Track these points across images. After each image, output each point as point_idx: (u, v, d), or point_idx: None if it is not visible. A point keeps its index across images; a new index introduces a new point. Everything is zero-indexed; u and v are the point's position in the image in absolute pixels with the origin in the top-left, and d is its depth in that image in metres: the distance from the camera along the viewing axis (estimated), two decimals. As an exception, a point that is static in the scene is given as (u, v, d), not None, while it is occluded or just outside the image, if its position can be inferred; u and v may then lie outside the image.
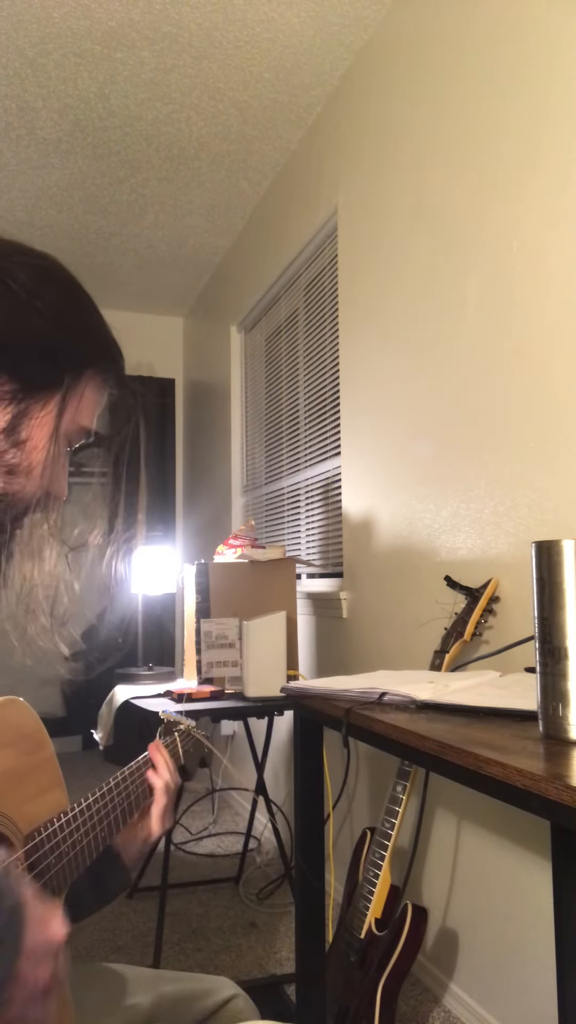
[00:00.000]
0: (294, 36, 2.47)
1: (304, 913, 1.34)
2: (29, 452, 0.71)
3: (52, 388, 0.72)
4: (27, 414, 0.70)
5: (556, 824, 1.34)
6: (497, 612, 1.74)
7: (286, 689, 1.36)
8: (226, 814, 3.50)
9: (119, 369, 0.79)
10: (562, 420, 1.57)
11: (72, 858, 0.77)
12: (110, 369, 0.78)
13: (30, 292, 0.69)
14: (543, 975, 1.62)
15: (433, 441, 2.04)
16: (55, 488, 0.75)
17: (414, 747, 0.95)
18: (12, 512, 0.72)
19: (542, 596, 0.87)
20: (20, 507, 0.73)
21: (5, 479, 0.70)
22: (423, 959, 2.04)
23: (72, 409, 0.74)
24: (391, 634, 2.24)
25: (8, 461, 0.70)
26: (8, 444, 0.70)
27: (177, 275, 4.40)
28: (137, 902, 2.58)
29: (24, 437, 0.70)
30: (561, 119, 1.59)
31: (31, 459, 0.71)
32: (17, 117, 2.90)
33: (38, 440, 0.71)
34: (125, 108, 2.86)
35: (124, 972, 0.99)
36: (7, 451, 0.70)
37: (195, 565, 2.31)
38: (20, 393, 0.69)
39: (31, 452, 0.71)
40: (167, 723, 1.13)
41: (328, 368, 2.82)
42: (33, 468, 0.71)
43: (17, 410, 0.69)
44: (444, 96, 2.02)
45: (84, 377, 0.75)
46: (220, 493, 4.16)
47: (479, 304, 1.85)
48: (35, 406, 0.71)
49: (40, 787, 0.80)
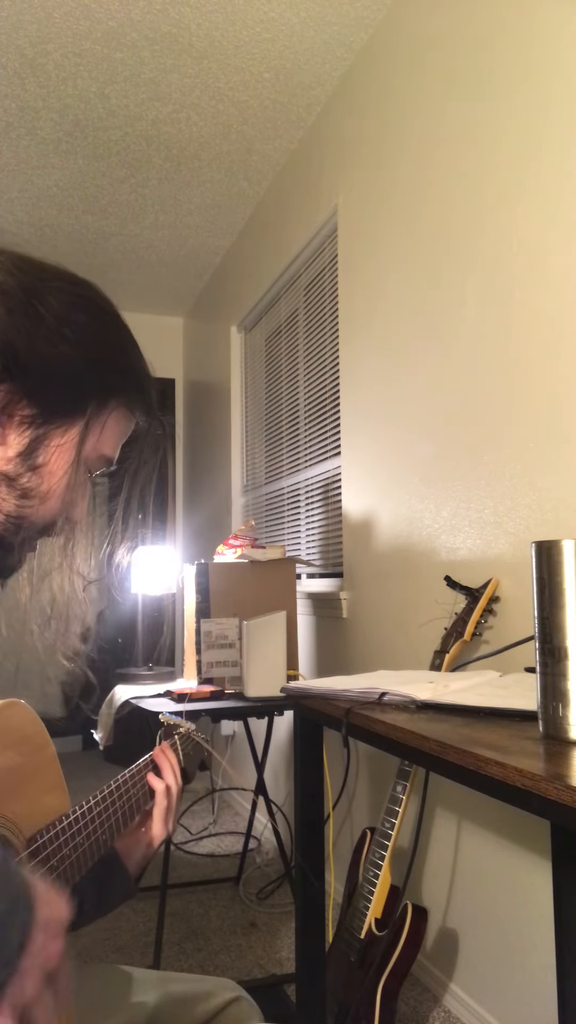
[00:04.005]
0: (294, 36, 2.47)
1: (304, 913, 1.34)
2: (45, 477, 0.71)
3: (74, 415, 0.72)
4: (46, 439, 0.70)
5: (556, 824, 1.34)
6: (497, 612, 1.74)
7: (286, 689, 1.36)
8: (226, 814, 3.50)
9: (147, 400, 0.79)
10: (563, 420, 1.57)
11: (74, 861, 0.77)
12: (137, 400, 0.78)
13: (59, 318, 0.69)
14: (543, 975, 1.62)
15: (433, 441, 2.04)
16: (73, 514, 0.75)
17: (414, 747, 0.95)
18: (23, 534, 0.72)
19: (542, 596, 0.87)
20: (32, 530, 0.72)
21: (18, 502, 0.70)
22: (423, 959, 2.04)
23: (94, 438, 0.74)
24: (391, 634, 2.24)
25: (23, 484, 0.70)
26: (24, 468, 0.70)
27: (177, 275, 4.40)
28: (137, 902, 2.58)
29: (41, 462, 0.70)
30: (561, 119, 1.59)
31: (47, 484, 0.71)
32: (17, 117, 2.90)
33: (56, 466, 0.71)
34: (125, 108, 2.86)
35: (125, 973, 0.99)
36: (22, 474, 0.70)
37: (195, 565, 2.31)
38: (40, 418, 0.69)
39: (47, 477, 0.71)
40: (167, 726, 1.12)
41: (328, 368, 2.82)
42: (48, 493, 0.71)
43: (36, 434, 0.69)
44: (444, 96, 2.02)
45: (109, 407, 0.75)
46: (220, 493, 4.16)
47: (479, 304, 1.85)
48: (55, 432, 0.71)
49: (41, 789, 0.80)
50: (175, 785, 0.98)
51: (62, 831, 0.77)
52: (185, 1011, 0.94)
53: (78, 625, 0.78)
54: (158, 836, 0.95)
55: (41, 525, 0.73)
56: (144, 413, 0.79)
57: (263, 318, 3.63)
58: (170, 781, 0.97)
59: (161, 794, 0.96)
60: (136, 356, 0.78)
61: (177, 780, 0.98)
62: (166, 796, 0.96)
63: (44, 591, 0.77)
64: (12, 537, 0.71)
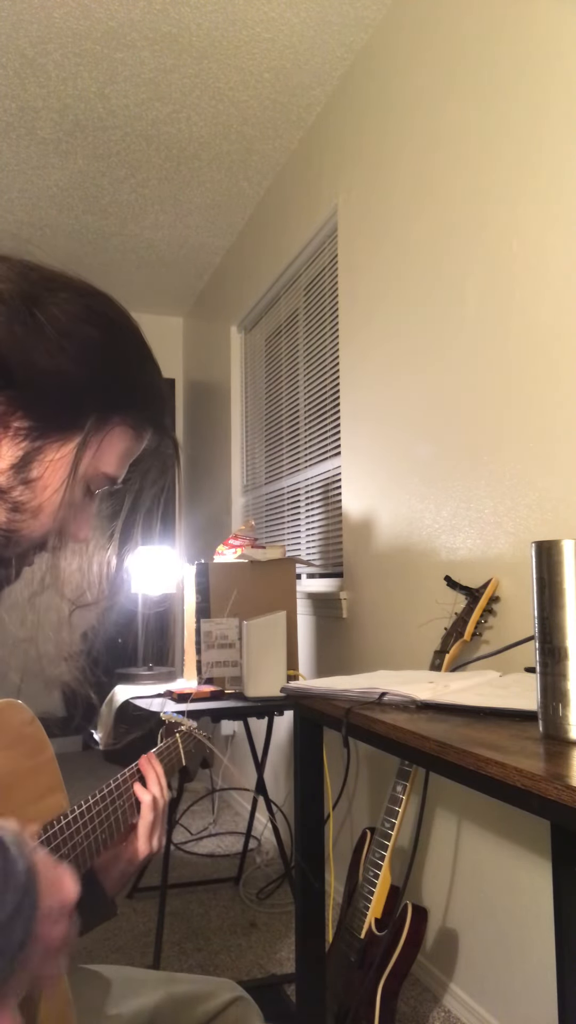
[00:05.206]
0: (294, 36, 2.47)
1: (304, 913, 1.34)
2: (38, 491, 0.69)
3: (71, 430, 0.69)
4: (41, 452, 0.68)
5: (556, 824, 1.34)
6: (497, 612, 1.74)
7: (286, 689, 1.36)
8: (226, 814, 3.50)
9: (155, 417, 0.76)
10: (562, 420, 1.57)
11: (72, 861, 0.77)
12: (143, 417, 0.75)
13: (60, 330, 0.67)
14: (543, 975, 1.62)
15: (433, 441, 2.04)
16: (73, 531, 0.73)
17: (414, 747, 0.95)
18: (15, 549, 0.70)
19: (542, 596, 0.87)
20: (24, 545, 0.71)
21: (9, 515, 0.68)
22: (423, 959, 2.04)
23: (90, 454, 0.71)
24: (391, 634, 2.24)
25: (14, 498, 0.68)
26: (16, 481, 0.68)
27: (177, 275, 4.40)
28: (137, 902, 2.58)
29: (35, 476, 0.68)
30: (561, 119, 1.59)
31: (40, 498, 0.69)
32: (17, 117, 2.90)
33: (49, 480, 0.69)
34: (125, 108, 2.86)
35: (126, 973, 0.98)
36: (14, 487, 0.68)
37: (195, 565, 2.31)
38: (36, 431, 0.68)
39: (40, 491, 0.69)
40: (168, 724, 1.12)
41: (328, 368, 2.82)
42: (41, 508, 0.70)
43: (31, 447, 0.68)
44: (444, 96, 2.02)
45: (110, 423, 0.72)
46: (220, 493, 4.16)
47: (479, 304, 1.85)
48: (51, 446, 0.69)
49: (40, 790, 0.80)
50: (161, 798, 0.92)
51: (60, 831, 0.77)
52: (186, 1012, 0.94)
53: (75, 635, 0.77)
54: (141, 852, 0.89)
55: (35, 540, 0.71)
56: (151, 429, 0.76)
57: (263, 318, 3.63)
58: (156, 792, 0.92)
59: (147, 807, 0.91)
60: (148, 372, 0.75)
61: (164, 792, 0.93)
62: (152, 809, 0.91)
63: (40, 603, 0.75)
64: (3, 551, 0.70)
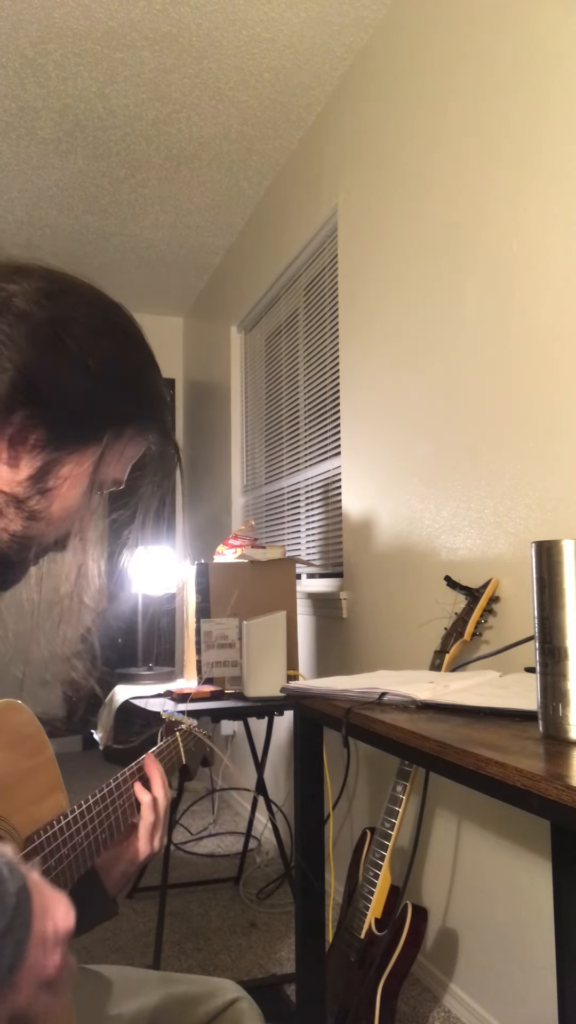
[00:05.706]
0: (294, 36, 2.47)
1: (304, 913, 1.34)
2: (55, 500, 0.71)
3: (90, 443, 0.71)
4: (58, 463, 0.70)
5: (556, 824, 1.34)
6: (497, 612, 1.74)
7: (286, 689, 1.36)
8: (226, 814, 3.50)
9: (162, 424, 0.79)
10: (562, 420, 1.57)
11: (72, 861, 0.77)
12: (153, 427, 0.77)
13: (82, 348, 0.69)
14: (543, 975, 1.62)
15: (433, 441, 2.04)
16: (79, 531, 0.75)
17: (414, 747, 0.95)
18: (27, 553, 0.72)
19: (542, 596, 0.87)
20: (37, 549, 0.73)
21: (25, 523, 0.70)
22: (423, 959, 2.04)
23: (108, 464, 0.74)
24: (391, 634, 2.24)
25: (31, 507, 0.70)
26: (34, 491, 0.69)
27: (177, 275, 4.40)
28: (137, 902, 2.58)
29: (51, 486, 0.70)
30: (561, 119, 1.59)
31: (55, 508, 0.71)
32: (17, 117, 2.90)
33: (66, 490, 0.71)
34: (125, 108, 2.86)
35: (126, 973, 0.98)
36: (32, 497, 0.69)
37: (195, 565, 2.31)
38: (54, 443, 0.69)
39: (56, 500, 0.71)
40: (168, 722, 1.12)
41: (328, 368, 2.82)
42: (56, 516, 0.71)
43: (49, 459, 0.69)
44: (444, 96, 2.02)
45: (125, 435, 0.74)
46: (220, 493, 4.16)
47: (479, 304, 1.85)
48: (69, 458, 0.70)
49: (40, 790, 0.80)
50: (163, 799, 0.92)
51: (60, 831, 0.77)
52: (186, 1012, 0.94)
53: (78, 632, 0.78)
54: (142, 852, 0.90)
55: (47, 544, 0.73)
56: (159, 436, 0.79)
57: (263, 318, 3.63)
58: (158, 793, 0.92)
59: (147, 807, 0.91)
60: (154, 380, 0.77)
61: (166, 793, 0.93)
62: (153, 810, 0.91)
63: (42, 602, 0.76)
64: (16, 556, 0.71)
